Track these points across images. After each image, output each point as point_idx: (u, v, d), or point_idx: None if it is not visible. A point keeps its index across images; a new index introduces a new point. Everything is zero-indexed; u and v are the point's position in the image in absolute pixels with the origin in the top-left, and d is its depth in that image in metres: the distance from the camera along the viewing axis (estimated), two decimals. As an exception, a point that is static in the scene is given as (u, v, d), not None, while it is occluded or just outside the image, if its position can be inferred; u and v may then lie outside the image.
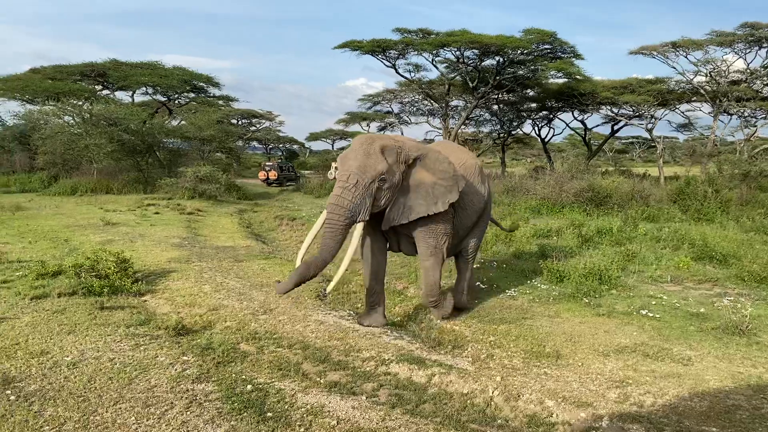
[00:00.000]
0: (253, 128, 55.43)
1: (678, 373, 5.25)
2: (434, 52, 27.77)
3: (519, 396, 4.78)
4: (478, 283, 8.42)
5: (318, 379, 4.99)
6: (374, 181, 5.89)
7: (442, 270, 6.66)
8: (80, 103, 27.23)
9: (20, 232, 11.89)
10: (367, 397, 4.67)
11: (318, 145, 70.17)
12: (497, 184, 20.97)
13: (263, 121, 55.93)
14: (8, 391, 4.42)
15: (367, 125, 44.52)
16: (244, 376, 4.93)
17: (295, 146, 64.92)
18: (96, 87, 33.88)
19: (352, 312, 7.22)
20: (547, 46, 27.38)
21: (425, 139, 41.04)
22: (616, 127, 33.93)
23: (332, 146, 66.21)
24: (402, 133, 36.94)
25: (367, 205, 5.89)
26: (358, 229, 5.97)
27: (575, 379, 5.15)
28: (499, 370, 5.30)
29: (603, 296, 7.78)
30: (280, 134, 59.26)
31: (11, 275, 7.99)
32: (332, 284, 5.92)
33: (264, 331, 6.20)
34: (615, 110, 31.60)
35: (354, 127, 48.28)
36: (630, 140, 56.01)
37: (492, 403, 4.72)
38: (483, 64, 28.44)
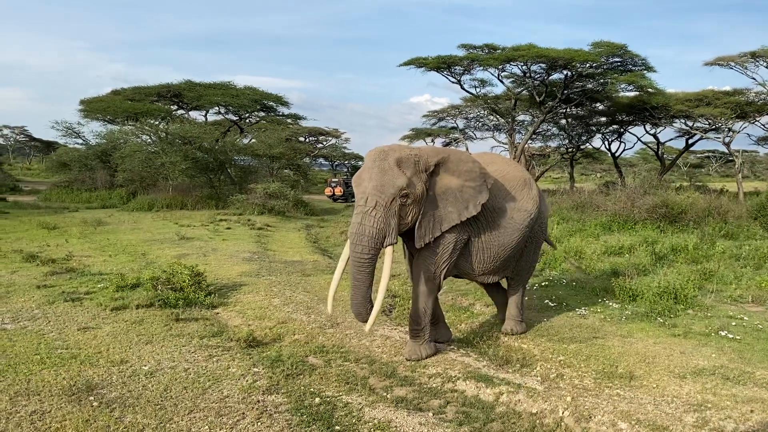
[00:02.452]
0: (319, 145, 56.47)
1: (762, 398, 4.98)
2: (500, 67, 27.61)
3: (590, 417, 4.65)
4: (546, 301, 8.25)
5: (385, 394, 5.01)
6: (395, 199, 5.35)
7: (436, 297, 6.01)
8: (157, 122, 28.55)
9: (101, 246, 12.50)
10: (433, 414, 4.65)
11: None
12: (565, 200, 20.56)
13: (329, 138, 56.91)
14: (91, 398, 4.64)
15: (432, 141, 44.56)
16: (312, 389, 5.01)
17: (360, 162, 65.68)
18: (171, 107, 35.41)
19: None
20: (617, 59, 26.76)
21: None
22: (690, 141, 32.71)
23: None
24: (467, 149, 36.80)
25: (393, 226, 5.36)
26: (388, 253, 5.44)
27: (650, 401, 4.97)
28: (569, 390, 5.17)
29: (678, 316, 7.48)
30: (346, 151, 60.08)
31: (93, 287, 8.41)
32: (372, 317, 5.36)
33: (331, 345, 6.28)
34: (690, 123, 30.49)
35: (419, 143, 48.44)
36: (706, 154, 53.82)
37: (562, 423, 4.61)
38: (550, 78, 28.05)
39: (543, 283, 9.20)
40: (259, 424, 4.32)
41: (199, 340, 6.22)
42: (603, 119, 33.42)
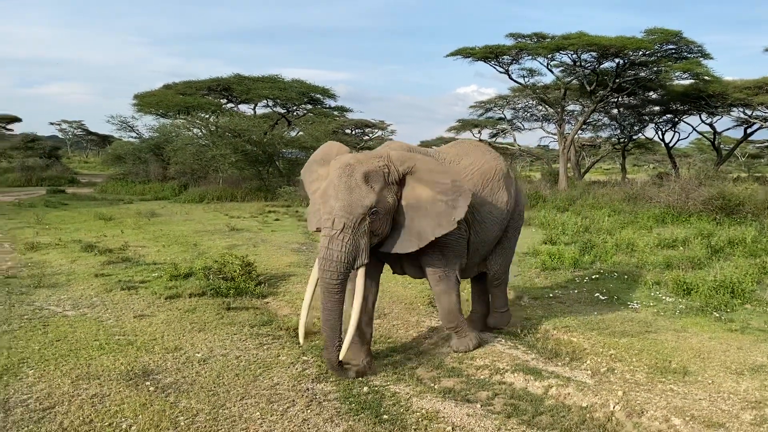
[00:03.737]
0: (366, 137, 56.61)
1: (826, 397, 4.79)
2: (549, 56, 27.06)
3: (643, 412, 4.56)
4: (597, 294, 8.10)
5: (432, 384, 5.02)
6: (365, 218, 4.97)
7: (458, 292, 5.79)
8: (207, 116, 29.09)
9: (155, 237, 12.86)
10: (481, 406, 4.64)
11: (429, 153, 70.29)
12: (617, 191, 20.11)
13: (376, 130, 56.95)
14: (147, 383, 4.80)
15: (479, 132, 44.08)
16: (360, 378, 5.06)
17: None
18: (221, 101, 35.98)
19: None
20: (671, 46, 25.88)
21: (520, 147, 40.05)
22: (749, 131, 31.47)
23: (443, 154, 66.09)
24: (515, 140, 36.32)
25: (363, 246, 4.99)
26: (360, 274, 5.09)
27: (705, 397, 4.84)
28: (620, 385, 5.08)
29: (735, 311, 7.25)
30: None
31: (148, 276, 8.67)
32: (344, 348, 4.99)
33: (378, 335, 6.32)
34: (748, 112, 29.31)
35: (465, 134, 47.96)
36: (766, 144, 51.71)
37: (613, 418, 4.53)
38: (601, 66, 27.35)
39: (593, 276, 9.04)
40: (308, 411, 4.40)
41: (249, 328, 6.35)
42: (656, 108, 32.41)
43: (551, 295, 8.09)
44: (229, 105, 36.24)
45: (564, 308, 7.47)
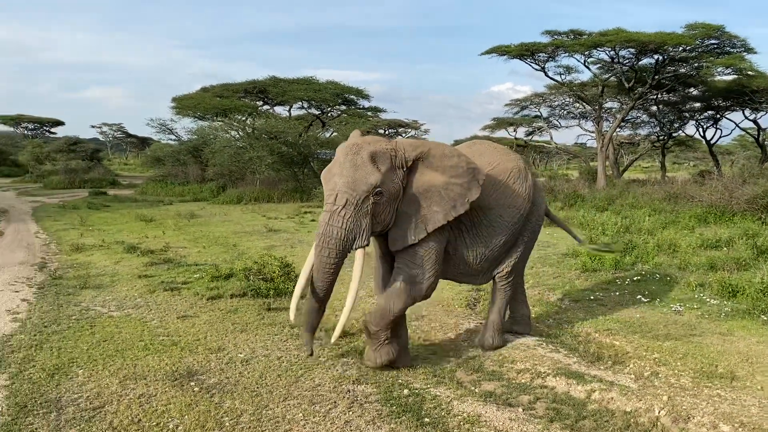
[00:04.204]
0: (399, 137, 56.67)
1: None
2: (586, 53, 26.67)
3: (689, 418, 4.47)
4: (638, 296, 7.96)
5: (473, 388, 5.00)
6: (368, 196, 4.85)
7: (409, 305, 5.34)
8: (244, 118, 29.47)
9: (195, 238, 13.09)
10: (523, 410, 4.60)
11: (463, 153, 70.01)
12: (657, 190, 19.71)
13: (409, 130, 56.92)
14: (192, 383, 4.90)
15: (514, 130, 43.71)
16: (400, 381, 5.07)
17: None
18: (257, 103, 36.39)
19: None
20: (713, 41, 25.25)
21: (557, 146, 39.48)
22: (796, 126, 30.50)
23: (478, 153, 65.70)
24: (551, 138, 35.89)
25: (364, 227, 4.88)
26: (359, 256, 4.97)
27: (754, 403, 4.72)
28: (665, 390, 4.99)
29: (785, 314, 7.05)
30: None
31: (190, 277, 8.83)
32: (337, 331, 4.97)
33: (417, 338, 6.33)
34: (795, 107, 28.41)
35: (500, 133, 47.62)
36: (813, 140, 50.02)
37: (658, 423, 4.45)
38: (640, 63, 26.85)
39: (635, 278, 8.88)
40: (350, 413, 4.43)
41: (290, 329, 6.41)
42: (697, 105, 31.64)
43: (592, 297, 7.98)
44: (265, 107, 36.63)
45: (605, 311, 7.36)
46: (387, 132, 52.36)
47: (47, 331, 6.16)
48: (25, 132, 60.93)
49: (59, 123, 63.86)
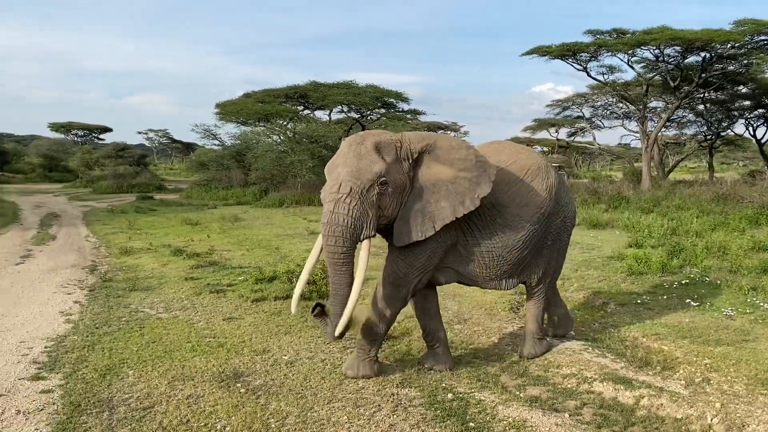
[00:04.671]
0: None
1: None
2: (630, 52, 26.15)
3: (743, 426, 4.34)
4: (688, 300, 7.75)
5: (518, 392, 4.95)
6: (373, 185, 4.74)
7: (399, 311, 5.26)
8: (285, 123, 29.86)
9: (239, 241, 13.31)
10: (570, 415, 4.53)
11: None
12: (704, 191, 19.19)
13: (448, 132, 56.76)
14: (238, 384, 4.98)
15: (556, 131, 43.18)
16: (444, 384, 5.05)
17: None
18: (298, 107, 36.80)
19: (548, 326, 7.03)
20: (763, 38, 24.47)
21: (600, 146, 38.69)
22: None
23: (518, 155, 65.03)
24: (594, 139, 35.30)
25: (371, 216, 4.77)
26: (365, 247, 4.87)
27: (813, 413, 4.54)
28: (717, 396, 4.84)
29: None
30: (467, 144, 59.68)
31: (235, 279, 8.98)
32: (340, 325, 4.76)
33: (459, 341, 6.30)
34: None
35: (542, 134, 47.10)
36: None
37: (711, 431, 4.33)
38: (686, 61, 26.20)
39: (683, 282, 8.66)
40: (395, 416, 4.43)
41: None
42: (747, 103, 30.69)
43: (638, 301, 7.81)
44: (306, 111, 37.00)
45: (653, 315, 7.19)
46: (426, 134, 52.20)
47: (99, 333, 6.34)
48: (75, 139, 62.91)
49: (107, 129, 65.81)
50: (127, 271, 9.81)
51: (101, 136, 65.50)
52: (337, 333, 4.78)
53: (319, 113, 37.45)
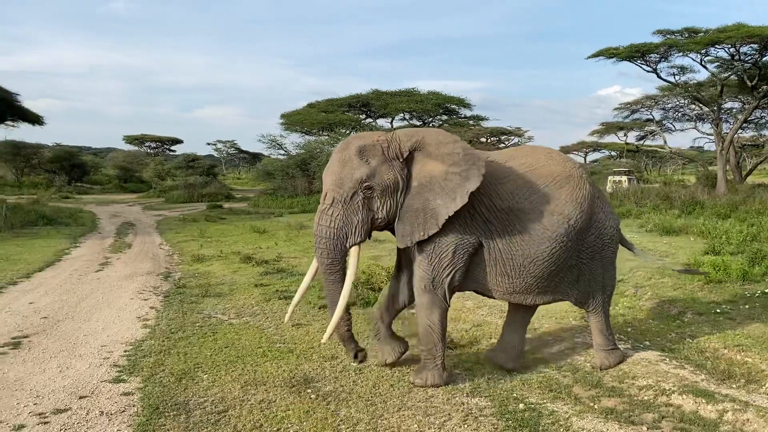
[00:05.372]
0: (501, 145, 55.86)
1: None
2: (703, 51, 25.18)
3: (840, 446, 4.07)
4: (772, 309, 7.35)
5: (592, 404, 4.81)
6: (356, 192, 4.85)
7: (443, 312, 5.11)
8: (348, 131, 30.23)
9: (305, 248, 13.49)
10: (648, 428, 4.37)
11: (569, 159, 68.07)
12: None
13: (512, 137, 56.01)
14: (309, 390, 5.03)
15: (625, 135, 42.00)
16: (515, 394, 4.96)
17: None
18: (360, 116, 37.22)
19: (621, 336, 6.81)
20: None
21: (671, 150, 37.23)
22: None
23: (584, 159, 63.63)
24: (665, 142, 34.06)
25: (356, 223, 4.88)
26: (353, 254, 4.96)
27: None
28: (809, 413, 4.57)
29: None
30: (530, 150, 58.70)
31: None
32: (328, 331, 5.03)
33: (529, 350, 6.18)
34: None
35: (609, 138, 45.94)
36: None
37: (803, 450, 4.09)
38: (764, 59, 25.01)
39: (766, 290, 8.22)
40: (465, 426, 4.38)
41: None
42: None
43: (718, 310, 7.46)
44: (368, 120, 37.36)
45: (734, 325, 6.86)
46: (489, 140, 51.79)
47: (174, 338, 6.55)
48: (148, 150, 65.48)
49: (178, 141, 68.24)
50: (200, 277, 10.12)
51: (172, 148, 67.99)
52: (324, 339, 5.11)
53: (381, 121, 37.75)
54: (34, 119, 39.98)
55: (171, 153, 66.32)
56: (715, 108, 27.07)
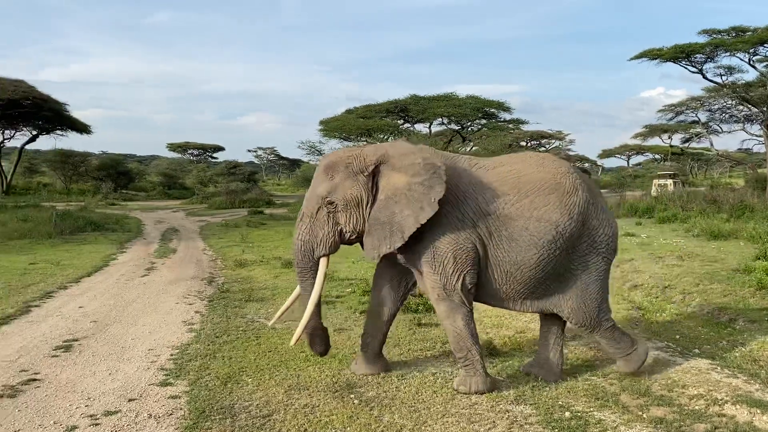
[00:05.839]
0: (542, 149, 55.20)
1: None
2: (751, 50, 24.48)
3: None
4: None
5: (640, 413, 4.69)
6: (320, 207, 5.15)
7: (467, 314, 5.11)
8: (386, 137, 30.27)
9: (345, 253, 13.52)
10: (700, 439, 4.24)
11: (611, 162, 67.05)
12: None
13: (553, 141, 55.34)
14: (352, 395, 5.04)
15: (669, 137, 41.06)
16: (560, 402, 4.88)
17: (585, 164, 62.81)
18: (398, 121, 37.22)
19: (670, 344, 6.65)
20: None
21: (718, 152, 36.24)
22: None
23: (627, 163, 62.48)
24: (711, 144, 33.16)
25: (321, 236, 5.17)
26: (322, 265, 5.25)
27: None
28: None
29: None
30: (570, 153, 57.89)
31: (342, 291, 9.16)
32: (295, 335, 5.36)
33: (575, 358, 6.08)
34: None
35: (653, 141, 45.02)
36: None
37: None
38: (818, 57, 24.18)
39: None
40: (510, 433, 4.33)
41: (441, 345, 6.43)
42: None
43: (771, 317, 7.22)
44: (406, 125, 37.35)
45: (789, 333, 6.62)
46: (529, 144, 51.26)
47: (219, 342, 6.65)
48: (191, 158, 66.91)
49: (220, 148, 69.56)
50: (242, 282, 10.26)
51: (214, 155, 69.32)
52: (291, 342, 5.42)
53: (419, 126, 37.70)
54: (82, 128, 41.33)
55: (213, 160, 67.63)
56: (765, 108, 26.23)
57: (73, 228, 18.45)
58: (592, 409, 4.75)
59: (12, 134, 39.59)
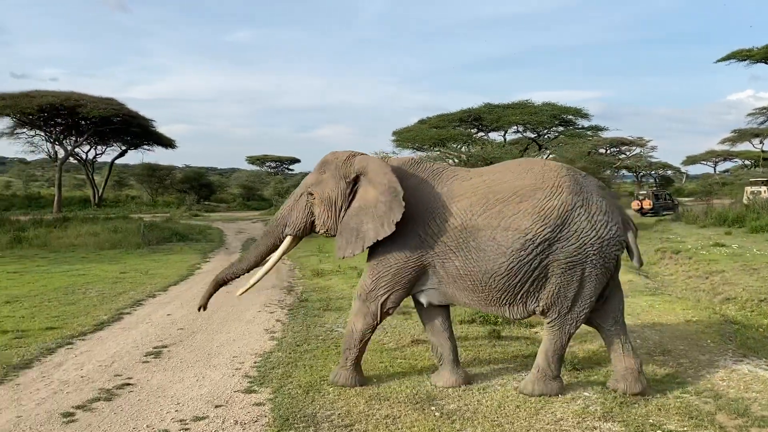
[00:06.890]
0: (622, 156, 53.38)
1: None
2: None
3: None
4: None
5: (739, 434, 4.43)
6: (304, 194, 5.65)
7: (371, 324, 5.49)
8: (459, 146, 30.10)
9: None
10: (808, 465, 3.96)
11: (696, 169, 64.01)
12: None
13: (633, 147, 53.40)
14: (433, 407, 5.01)
15: (760, 142, 38.87)
16: (651, 420, 4.68)
17: (668, 172, 60.26)
18: (472, 130, 36.94)
19: (762, 359, 6.26)
20: None
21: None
22: None
23: (714, 169, 59.53)
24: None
25: (295, 220, 5.64)
26: (286, 242, 5.72)
27: None
28: None
29: None
30: (652, 160, 55.66)
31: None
32: (243, 289, 5.97)
33: (664, 373, 5.82)
34: None
35: (743, 146, 42.74)
36: None
37: None
38: None
39: None
40: (598, 452, 4.18)
41: (522, 359, 6.30)
42: None
43: None
44: (480, 134, 37.02)
45: None
46: (608, 151, 49.71)
47: (300, 350, 6.76)
48: (269, 170, 68.70)
49: (296, 160, 71.15)
50: (320, 291, 10.42)
51: (291, 167, 70.94)
52: (237, 294, 6.07)
53: (493, 135, 37.28)
54: (168, 143, 43.33)
55: (289, 172, 69.20)
56: None
57: (160, 238, 19.33)
58: (685, 429, 4.52)
59: (103, 150, 42.09)
